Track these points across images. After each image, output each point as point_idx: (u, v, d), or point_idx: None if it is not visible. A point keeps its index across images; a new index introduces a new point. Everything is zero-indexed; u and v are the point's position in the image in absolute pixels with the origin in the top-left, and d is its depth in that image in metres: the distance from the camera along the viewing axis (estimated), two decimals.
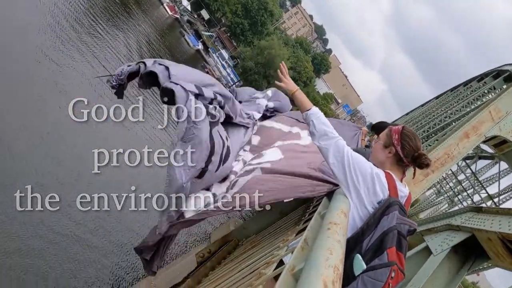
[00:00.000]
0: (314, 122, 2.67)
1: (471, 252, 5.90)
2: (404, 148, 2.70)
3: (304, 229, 2.16)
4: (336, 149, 2.56)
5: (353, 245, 2.26)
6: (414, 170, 2.80)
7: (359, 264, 2.15)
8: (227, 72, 62.15)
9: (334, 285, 0.95)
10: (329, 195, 2.68)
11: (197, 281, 2.98)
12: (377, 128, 4.70)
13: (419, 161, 2.70)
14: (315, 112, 2.76)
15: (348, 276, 2.13)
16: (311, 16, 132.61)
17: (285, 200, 2.85)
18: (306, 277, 1.00)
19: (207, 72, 54.43)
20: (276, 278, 1.44)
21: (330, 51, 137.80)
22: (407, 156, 2.70)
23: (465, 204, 22.75)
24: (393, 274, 2.20)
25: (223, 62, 63.16)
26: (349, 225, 2.37)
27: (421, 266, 5.89)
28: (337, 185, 2.84)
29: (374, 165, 2.72)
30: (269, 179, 2.97)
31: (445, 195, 26.16)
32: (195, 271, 3.38)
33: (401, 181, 2.69)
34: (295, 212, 3.38)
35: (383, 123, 4.76)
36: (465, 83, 19.45)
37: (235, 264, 2.71)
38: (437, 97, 23.73)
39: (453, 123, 13.60)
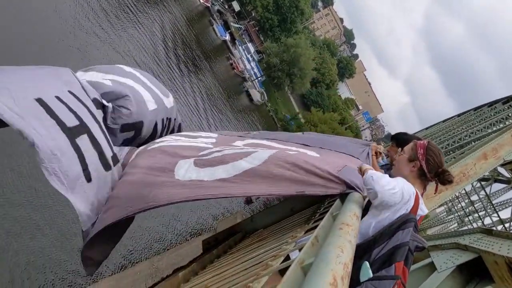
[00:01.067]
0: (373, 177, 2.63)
1: (475, 274, 5.86)
2: (429, 163, 2.72)
3: (313, 228, 2.18)
4: (388, 180, 2.55)
5: (362, 251, 2.29)
6: (437, 185, 2.80)
7: (367, 271, 2.15)
8: (251, 66, 62.12)
9: (343, 280, 0.98)
10: (342, 197, 2.69)
11: (202, 267, 3.02)
12: (396, 138, 4.68)
13: (443, 177, 2.72)
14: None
15: (353, 280, 2.14)
16: (341, 19, 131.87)
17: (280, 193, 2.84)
18: (316, 270, 1.03)
19: (231, 64, 54.34)
20: (281, 272, 1.47)
21: (356, 56, 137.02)
22: (431, 172, 2.73)
23: (475, 225, 22.47)
24: None
25: (248, 56, 63.10)
26: (360, 232, 2.40)
27: (423, 281, 5.88)
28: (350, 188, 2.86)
29: (390, 175, 2.74)
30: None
31: (456, 214, 25.89)
32: (200, 257, 3.41)
33: (422, 195, 2.70)
34: (306, 211, 3.39)
35: (404, 134, 4.74)
36: (490, 104, 19.17)
37: (241, 254, 2.74)
38: (459, 115, 23.46)
39: (473, 143, 13.46)
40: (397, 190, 2.47)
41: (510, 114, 15.31)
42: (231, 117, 40.23)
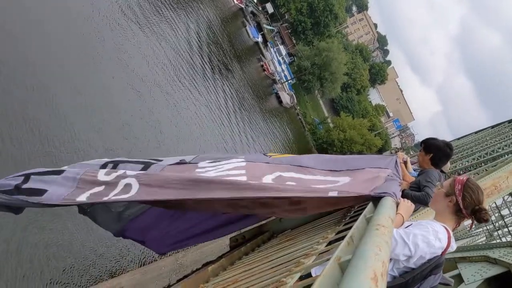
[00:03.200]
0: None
1: None
2: (465, 199, 2.71)
3: (345, 230, 2.20)
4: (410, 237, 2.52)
5: None
6: (472, 222, 2.86)
7: None
8: (282, 68, 62.01)
9: (382, 277, 1.00)
10: (374, 202, 2.70)
11: (230, 263, 3.06)
12: (424, 143, 4.69)
13: (479, 215, 2.71)
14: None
15: None
16: (375, 25, 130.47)
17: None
18: (356, 265, 1.05)
19: (262, 66, 54.40)
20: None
21: (389, 62, 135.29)
22: (467, 208, 2.71)
23: (504, 240, 21.89)
24: None
25: (280, 58, 63.02)
26: (388, 274, 2.46)
27: None
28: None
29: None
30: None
31: (485, 227, 25.25)
32: (229, 253, 3.47)
33: (453, 230, 2.72)
34: (335, 214, 3.40)
35: (432, 139, 4.73)
36: None
37: (270, 252, 2.77)
38: (493, 127, 22.91)
39: (506, 155, 13.13)
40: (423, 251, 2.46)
41: None
42: (259, 119, 40.29)
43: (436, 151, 4.60)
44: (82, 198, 2.96)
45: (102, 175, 3.14)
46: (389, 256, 1.30)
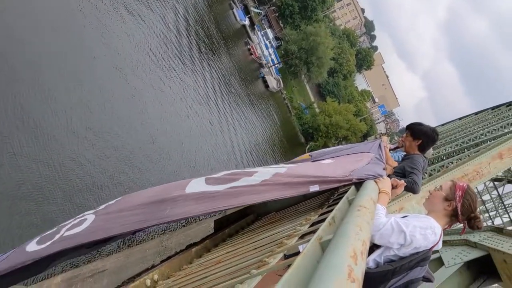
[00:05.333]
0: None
1: (483, 271, 5.88)
2: (464, 206, 2.80)
3: (328, 212, 2.22)
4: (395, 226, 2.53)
5: (381, 279, 2.40)
6: (464, 228, 2.93)
7: None
8: (269, 52, 61.69)
9: (362, 255, 1.01)
10: (357, 185, 2.72)
11: (214, 244, 3.08)
12: (411, 128, 4.68)
13: (473, 222, 2.84)
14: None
15: None
16: (363, 10, 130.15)
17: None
18: (336, 244, 1.06)
19: (249, 49, 54.07)
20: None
21: (376, 48, 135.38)
22: (464, 215, 2.81)
23: (484, 225, 22.33)
24: None
25: (267, 42, 62.64)
26: (374, 260, 2.53)
27: None
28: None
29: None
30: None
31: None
32: (213, 235, 3.48)
33: (444, 230, 2.78)
34: (319, 196, 3.42)
35: (419, 124, 4.72)
36: (508, 104, 18.93)
37: (255, 234, 2.79)
38: (476, 113, 23.19)
39: (489, 142, 13.30)
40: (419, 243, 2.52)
41: None
42: (246, 103, 40.21)
43: (425, 138, 4.60)
44: (32, 245, 2.63)
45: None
46: (369, 236, 1.31)
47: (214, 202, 2.70)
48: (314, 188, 2.78)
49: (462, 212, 2.80)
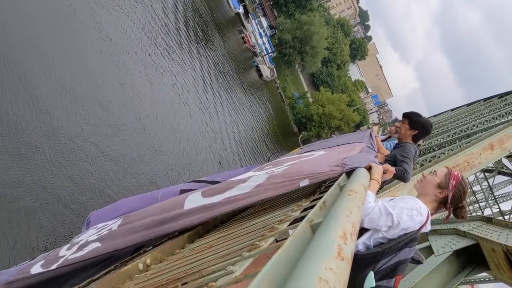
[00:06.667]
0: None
1: (472, 260, 5.96)
2: (454, 196, 2.85)
3: (320, 198, 2.24)
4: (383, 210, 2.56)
5: (370, 260, 2.44)
6: (449, 215, 2.97)
7: (371, 280, 2.35)
8: (263, 40, 61.40)
9: (352, 236, 1.03)
10: (348, 173, 2.74)
11: (205, 230, 3.10)
12: (410, 118, 4.68)
13: (459, 212, 2.91)
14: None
15: (355, 286, 2.34)
16: (357, 0, 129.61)
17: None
18: (326, 225, 1.08)
19: (243, 38, 53.71)
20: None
21: (370, 38, 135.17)
22: (452, 204, 2.87)
23: (474, 215, 22.54)
24: None
25: (261, 30, 62.31)
26: (363, 243, 2.56)
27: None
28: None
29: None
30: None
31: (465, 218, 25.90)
32: (205, 221, 3.49)
33: (431, 215, 2.81)
34: (311, 185, 3.44)
35: (418, 116, 4.74)
36: (500, 96, 19.04)
37: (246, 220, 2.81)
38: (468, 104, 23.31)
39: (480, 133, 13.40)
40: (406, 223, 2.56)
41: None
42: (239, 91, 40.09)
43: (421, 129, 4.63)
44: (37, 267, 2.74)
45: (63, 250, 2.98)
46: (359, 219, 1.33)
47: (212, 211, 2.85)
48: (304, 183, 2.81)
49: (452, 201, 2.85)
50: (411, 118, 4.67)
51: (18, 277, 2.68)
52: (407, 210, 2.54)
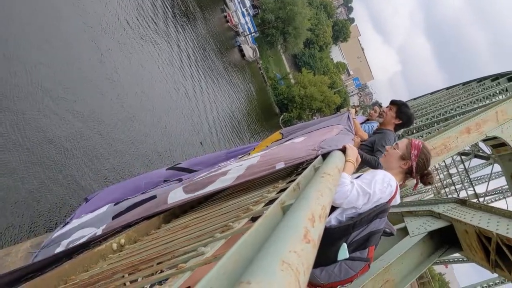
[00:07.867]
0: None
1: (445, 241, 6.10)
2: (418, 164, 2.93)
3: (295, 180, 2.25)
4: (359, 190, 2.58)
5: (342, 233, 2.49)
6: (417, 183, 3.08)
7: (344, 252, 2.43)
8: (245, 20, 60.79)
9: (320, 219, 1.03)
10: (324, 155, 2.76)
11: (182, 211, 3.10)
12: (400, 107, 4.73)
13: (426, 178, 2.99)
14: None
15: (330, 258, 2.43)
16: None
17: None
18: (296, 207, 1.08)
19: (225, 17, 53.01)
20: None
21: (352, 20, 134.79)
22: (418, 172, 2.95)
23: (450, 197, 23.04)
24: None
25: (244, 10, 61.62)
26: (336, 218, 2.60)
27: (394, 244, 6.10)
28: None
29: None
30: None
31: (433, 185, 26.45)
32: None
33: (400, 186, 2.88)
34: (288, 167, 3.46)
35: (407, 108, 4.78)
36: (479, 80, 19.31)
37: (223, 201, 2.82)
38: (447, 88, 23.61)
39: (458, 117, 13.59)
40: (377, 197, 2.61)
41: (497, 91, 15.46)
42: (221, 71, 39.77)
43: (406, 121, 4.70)
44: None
45: None
46: (330, 202, 1.34)
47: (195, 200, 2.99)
48: (280, 165, 2.84)
49: (417, 170, 2.94)
50: (400, 108, 4.72)
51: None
52: (380, 184, 2.60)
